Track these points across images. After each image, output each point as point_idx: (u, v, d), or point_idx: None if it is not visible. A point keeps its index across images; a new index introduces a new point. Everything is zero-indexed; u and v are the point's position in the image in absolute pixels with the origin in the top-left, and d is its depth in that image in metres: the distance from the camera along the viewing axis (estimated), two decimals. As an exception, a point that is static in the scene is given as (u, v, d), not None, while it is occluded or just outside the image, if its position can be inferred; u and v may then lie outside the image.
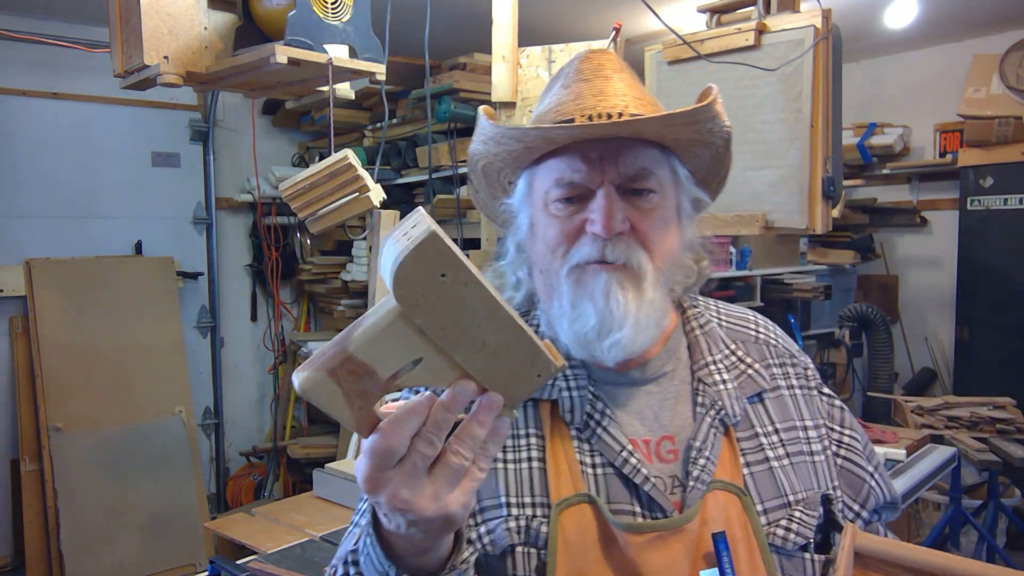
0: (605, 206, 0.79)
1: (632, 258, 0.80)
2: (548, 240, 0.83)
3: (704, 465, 0.81)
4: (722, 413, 0.85)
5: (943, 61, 4.21)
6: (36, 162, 3.45)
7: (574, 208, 0.82)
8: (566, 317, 0.82)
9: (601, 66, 0.86)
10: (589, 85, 0.85)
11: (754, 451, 0.85)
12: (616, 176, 0.81)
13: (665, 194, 0.84)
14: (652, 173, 0.82)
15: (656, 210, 0.83)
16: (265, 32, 1.92)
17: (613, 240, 0.79)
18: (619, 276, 0.80)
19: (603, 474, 0.81)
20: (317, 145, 4.27)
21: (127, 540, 3.27)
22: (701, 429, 0.83)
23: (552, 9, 3.30)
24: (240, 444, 4.15)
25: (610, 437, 0.82)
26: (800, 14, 2.24)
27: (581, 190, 0.82)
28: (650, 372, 0.87)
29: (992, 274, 3.89)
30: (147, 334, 3.52)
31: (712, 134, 0.83)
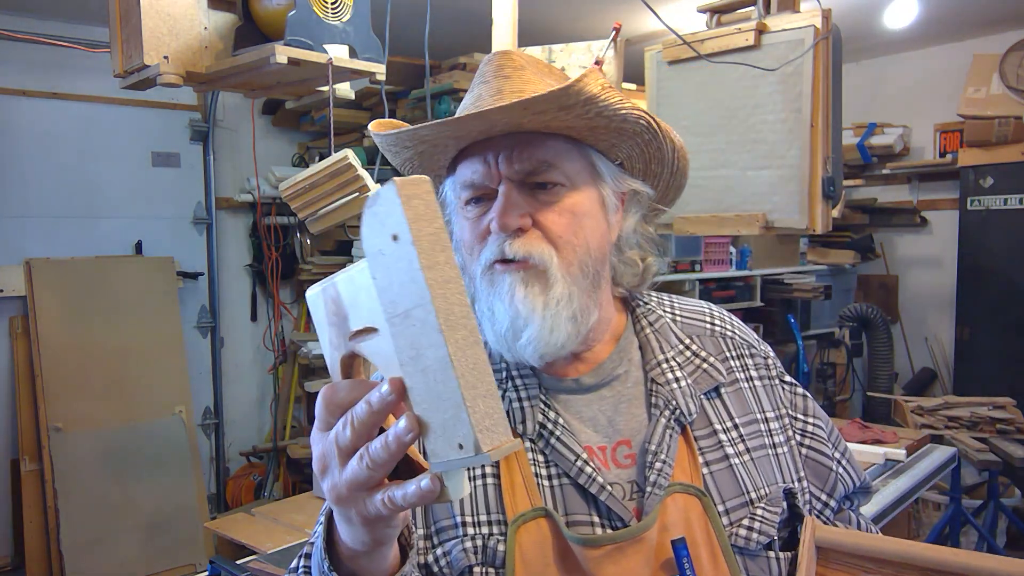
0: (500, 204, 0.79)
1: (534, 254, 0.78)
2: (464, 242, 0.84)
3: (660, 469, 0.79)
4: (677, 412, 0.83)
5: (943, 61, 4.21)
6: (36, 162, 3.45)
7: (482, 208, 0.82)
8: (486, 318, 0.81)
9: (501, 66, 0.86)
10: (488, 86, 0.84)
11: (713, 449, 0.83)
12: (512, 172, 0.80)
13: (576, 186, 0.82)
14: (552, 165, 0.80)
15: (562, 203, 0.80)
16: (265, 32, 1.92)
17: (511, 237, 0.78)
18: (522, 275, 0.78)
19: (559, 485, 0.80)
20: (317, 145, 4.27)
21: (127, 540, 3.27)
22: (656, 431, 0.81)
23: (552, 9, 3.30)
24: (240, 444, 4.15)
25: (564, 447, 0.80)
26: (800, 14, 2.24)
27: (485, 190, 0.82)
28: (602, 376, 0.86)
29: (992, 274, 3.90)
30: (147, 334, 3.52)
31: (606, 118, 0.79)
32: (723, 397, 0.87)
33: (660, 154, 0.87)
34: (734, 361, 0.91)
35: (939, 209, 4.38)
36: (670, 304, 0.96)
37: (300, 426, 4.24)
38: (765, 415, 0.88)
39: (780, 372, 0.94)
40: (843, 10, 3.21)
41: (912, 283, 4.56)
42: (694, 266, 3.87)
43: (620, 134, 0.83)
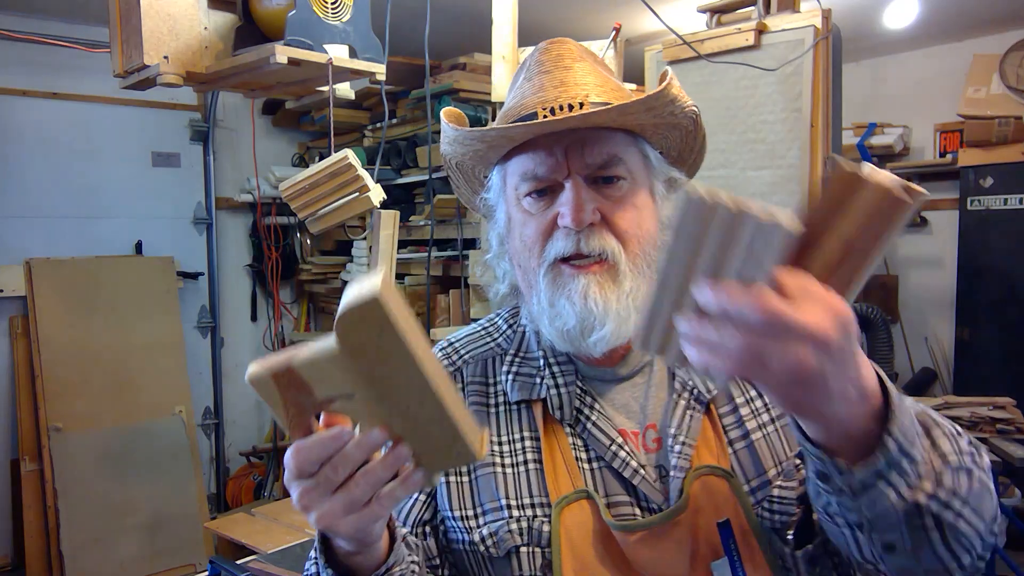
0: (573, 198, 0.79)
1: (607, 249, 0.80)
2: (524, 238, 0.84)
3: (680, 451, 0.80)
4: (695, 392, 0.84)
5: (943, 61, 4.21)
6: (36, 162, 3.45)
7: (545, 202, 0.83)
8: (545, 314, 0.82)
9: (560, 56, 0.86)
10: (550, 76, 0.84)
11: (735, 426, 0.84)
12: (582, 167, 0.81)
13: (636, 179, 0.83)
14: (620, 159, 0.82)
15: (627, 196, 0.82)
16: (265, 32, 1.92)
17: (586, 232, 0.79)
18: (596, 277, 0.80)
19: (598, 468, 0.82)
20: (317, 145, 4.27)
21: (127, 540, 3.27)
22: (675, 414, 0.82)
23: (552, 9, 3.30)
24: (240, 444, 4.15)
25: (599, 431, 0.83)
26: (800, 14, 2.24)
27: (549, 183, 0.82)
28: (633, 365, 0.88)
29: (992, 274, 3.89)
30: (147, 334, 3.52)
31: (675, 116, 0.83)
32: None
33: (694, 141, 0.90)
34: None
35: (939, 209, 4.38)
36: None
37: (300, 426, 4.24)
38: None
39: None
40: (843, 10, 3.21)
41: (912, 283, 4.55)
42: (694, 266, 3.86)
43: (674, 128, 0.86)
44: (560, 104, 0.80)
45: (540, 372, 0.87)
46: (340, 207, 1.93)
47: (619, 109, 0.77)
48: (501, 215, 0.89)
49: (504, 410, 0.88)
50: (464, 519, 0.84)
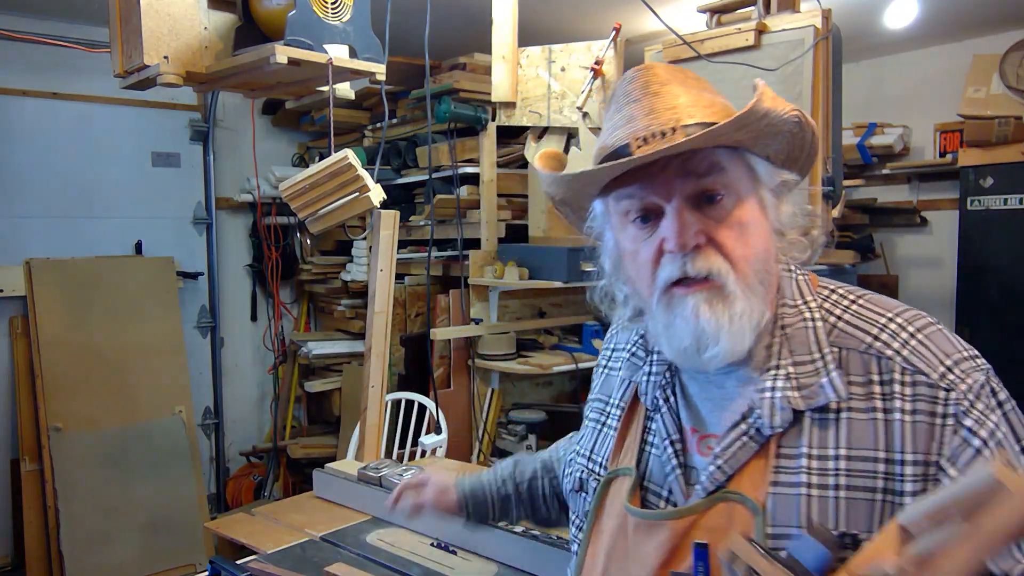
0: (676, 222, 0.80)
1: (713, 270, 0.79)
2: (637, 266, 0.85)
3: (712, 473, 0.81)
4: (758, 422, 0.80)
5: (943, 61, 4.21)
6: (36, 162, 3.45)
7: (649, 229, 0.83)
8: (663, 335, 0.85)
9: (648, 83, 0.85)
10: (639, 105, 0.84)
11: (789, 471, 0.77)
12: (683, 187, 0.81)
13: (741, 194, 0.82)
14: (721, 168, 0.81)
15: (731, 216, 0.81)
16: (265, 32, 1.92)
17: (691, 255, 0.80)
18: (705, 295, 0.80)
19: (656, 454, 0.90)
20: (317, 145, 4.27)
21: (127, 540, 3.27)
22: (729, 435, 0.82)
23: (552, 9, 3.30)
24: (240, 444, 4.15)
25: (663, 426, 0.89)
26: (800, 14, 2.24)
27: (652, 208, 0.82)
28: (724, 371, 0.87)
29: (992, 274, 3.89)
30: (147, 334, 3.52)
31: (773, 127, 0.82)
32: (841, 421, 0.78)
33: (802, 141, 0.87)
34: (877, 387, 0.78)
35: (939, 209, 4.37)
36: (844, 306, 0.86)
37: (300, 426, 4.25)
38: (893, 456, 0.75)
39: (959, 413, 0.76)
40: (843, 10, 3.21)
41: (912, 283, 4.55)
42: (694, 266, 3.86)
43: (777, 135, 0.84)
44: (652, 132, 0.80)
45: (646, 360, 0.96)
46: (340, 207, 1.93)
47: (706, 136, 0.76)
48: (610, 242, 0.91)
49: (618, 381, 1.01)
50: (575, 452, 1.02)
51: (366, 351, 2.22)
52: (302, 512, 1.96)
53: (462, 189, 3.28)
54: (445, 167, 3.32)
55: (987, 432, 0.76)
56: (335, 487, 2.03)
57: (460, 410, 3.27)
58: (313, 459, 3.73)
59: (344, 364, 3.97)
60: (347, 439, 3.11)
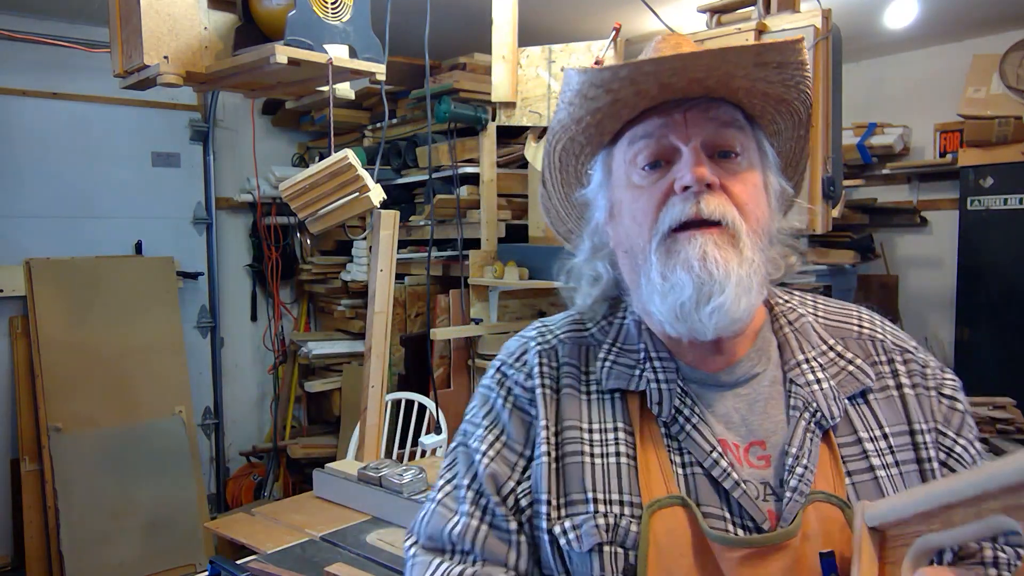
0: (694, 158, 0.75)
1: (728, 215, 0.75)
2: (636, 213, 0.79)
3: (802, 475, 0.75)
4: (818, 415, 0.78)
5: (943, 61, 4.21)
6: (36, 162, 3.45)
7: (659, 174, 0.78)
8: (657, 291, 0.77)
9: (679, 44, 0.83)
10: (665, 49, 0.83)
11: (857, 458, 0.78)
12: (702, 132, 0.77)
13: (753, 162, 0.80)
14: (740, 129, 0.79)
15: (746, 175, 0.78)
16: (265, 32, 1.92)
17: (706, 194, 0.75)
18: (714, 237, 0.74)
19: (691, 474, 0.77)
20: (317, 145, 4.27)
21: (127, 540, 3.27)
22: (796, 434, 0.77)
23: (552, 9, 3.30)
24: (240, 444, 4.15)
25: (699, 435, 0.78)
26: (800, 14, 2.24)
27: (667, 152, 0.78)
28: (739, 374, 0.82)
29: (992, 274, 3.89)
30: (147, 334, 3.52)
31: (798, 92, 0.80)
32: (871, 404, 0.82)
33: (801, 150, 0.86)
34: (884, 366, 0.85)
35: (939, 209, 4.37)
36: (813, 304, 0.92)
37: (300, 426, 4.25)
38: (918, 426, 0.81)
39: (939, 383, 0.85)
40: (843, 10, 3.21)
41: (912, 283, 4.55)
42: (694, 266, 3.86)
43: (790, 114, 0.83)
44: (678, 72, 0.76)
45: (640, 364, 0.83)
46: (340, 207, 1.93)
47: (757, 51, 0.73)
48: (602, 203, 0.85)
49: (597, 398, 0.83)
50: (550, 504, 0.78)
51: (366, 351, 2.22)
52: (302, 512, 1.97)
53: (462, 189, 3.28)
54: (445, 167, 3.32)
55: (962, 399, 0.86)
56: (335, 487, 2.03)
57: (460, 410, 3.26)
58: (313, 459, 3.73)
59: (344, 364, 3.97)
60: (347, 439, 3.11)
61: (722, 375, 0.82)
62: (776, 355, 0.84)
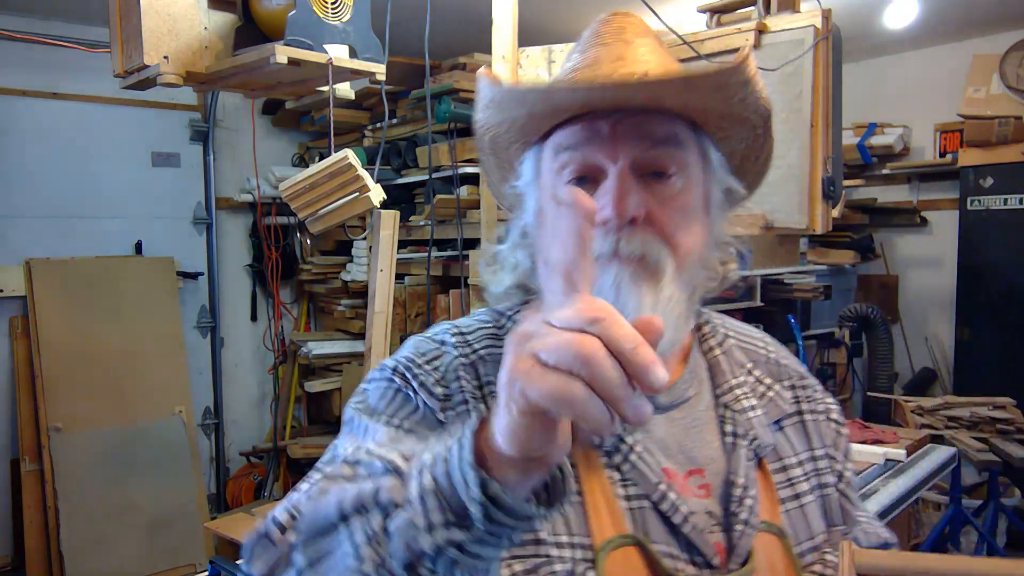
0: (617, 186, 0.68)
1: (650, 251, 0.69)
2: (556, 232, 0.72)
3: (752, 507, 0.72)
4: (755, 444, 0.76)
5: (943, 61, 4.21)
6: (36, 162, 3.45)
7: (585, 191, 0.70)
8: None
9: (622, 29, 0.74)
10: (608, 50, 0.73)
11: (785, 486, 0.77)
12: (632, 150, 0.69)
13: (691, 178, 0.72)
14: (677, 147, 0.71)
15: (679, 197, 0.71)
16: (265, 32, 1.92)
17: (627, 229, 0.68)
18: (632, 269, 0.68)
19: (639, 508, 0.70)
20: (317, 145, 4.27)
21: (127, 540, 3.27)
22: (740, 463, 0.74)
23: (552, 9, 3.30)
24: (240, 444, 4.15)
25: (645, 466, 0.71)
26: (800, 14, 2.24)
27: (592, 169, 0.71)
28: (674, 397, 0.77)
29: (992, 274, 3.90)
30: (147, 334, 3.52)
31: (746, 106, 0.71)
32: (785, 430, 0.81)
33: (758, 150, 0.78)
34: (789, 392, 0.84)
35: (939, 209, 4.38)
36: (723, 324, 0.88)
37: (300, 426, 4.25)
38: (817, 452, 0.82)
39: (828, 408, 0.86)
40: (843, 10, 3.21)
41: (912, 283, 4.56)
42: (694, 266, 3.86)
43: (740, 124, 0.74)
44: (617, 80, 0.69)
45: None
46: (340, 207, 1.93)
47: (685, 82, 0.65)
48: (531, 204, 0.78)
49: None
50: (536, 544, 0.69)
51: (366, 351, 2.22)
52: (302, 512, 1.96)
53: (462, 189, 3.28)
54: (445, 167, 3.32)
55: (843, 422, 0.87)
56: (335, 487, 2.02)
57: (460, 410, 3.26)
58: (313, 459, 3.72)
59: (344, 364, 3.97)
60: (347, 439, 3.11)
61: (658, 396, 0.76)
62: (707, 378, 0.81)
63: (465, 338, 0.79)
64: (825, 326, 4.41)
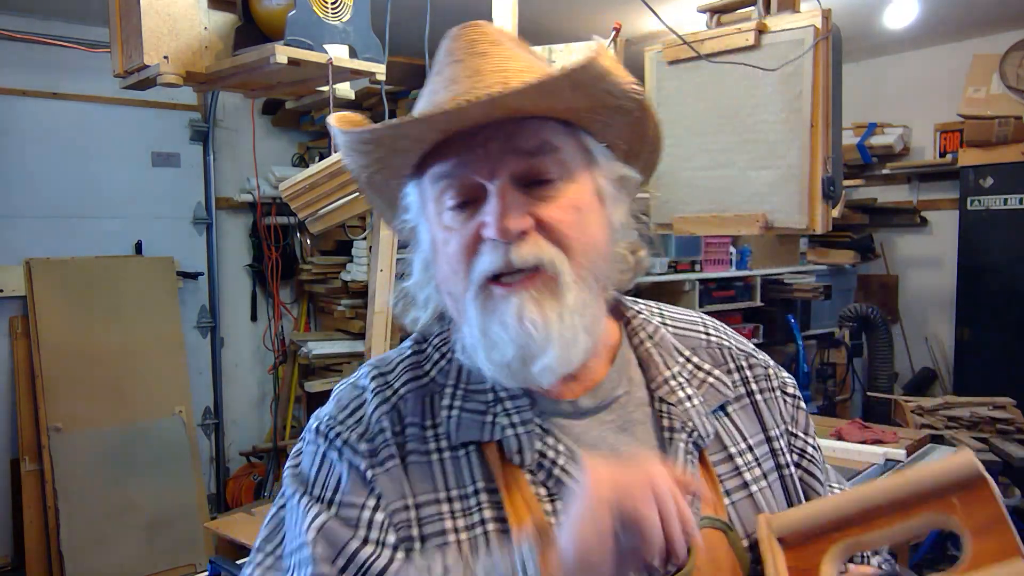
0: (498, 203, 0.66)
1: (544, 258, 0.67)
2: (449, 257, 0.71)
3: (691, 502, 0.69)
4: (694, 435, 0.74)
5: (943, 61, 4.21)
6: (36, 162, 3.45)
7: (468, 213, 0.70)
8: (480, 346, 0.70)
9: (474, 42, 0.73)
10: (462, 66, 0.71)
11: (731, 475, 0.76)
12: (507, 166, 0.68)
13: (575, 177, 0.71)
14: (552, 148, 0.69)
15: (566, 199, 0.69)
16: (265, 32, 1.92)
17: (516, 242, 0.67)
18: (530, 292, 0.67)
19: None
20: (317, 145, 4.27)
21: (127, 540, 3.27)
22: (678, 459, 0.72)
23: (552, 9, 3.30)
24: (240, 444, 4.15)
25: (570, 477, 0.70)
26: (800, 14, 2.24)
27: (473, 191, 0.69)
28: (601, 397, 0.75)
29: (992, 274, 3.90)
30: (147, 334, 3.52)
31: (613, 96, 0.70)
32: (731, 416, 0.80)
33: (643, 131, 0.77)
34: (735, 374, 0.83)
35: (939, 209, 4.38)
36: (659, 312, 0.87)
37: (300, 426, 4.24)
38: (770, 433, 0.81)
39: (782, 383, 0.86)
40: (843, 10, 3.21)
41: (912, 283, 4.56)
42: (694, 266, 3.87)
43: (616, 112, 0.73)
44: (475, 96, 0.65)
45: (491, 408, 0.73)
46: (340, 207, 1.93)
47: (538, 88, 0.64)
48: (425, 237, 0.76)
49: (451, 457, 0.72)
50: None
51: (366, 351, 2.22)
52: (302, 512, 1.96)
53: (462, 189, 3.28)
54: (445, 167, 3.31)
55: (800, 395, 0.86)
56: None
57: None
58: (313, 459, 3.73)
59: (344, 364, 3.97)
60: (347, 439, 3.11)
61: (583, 400, 0.75)
62: (638, 374, 0.79)
63: (386, 379, 0.79)
64: (825, 326, 4.42)
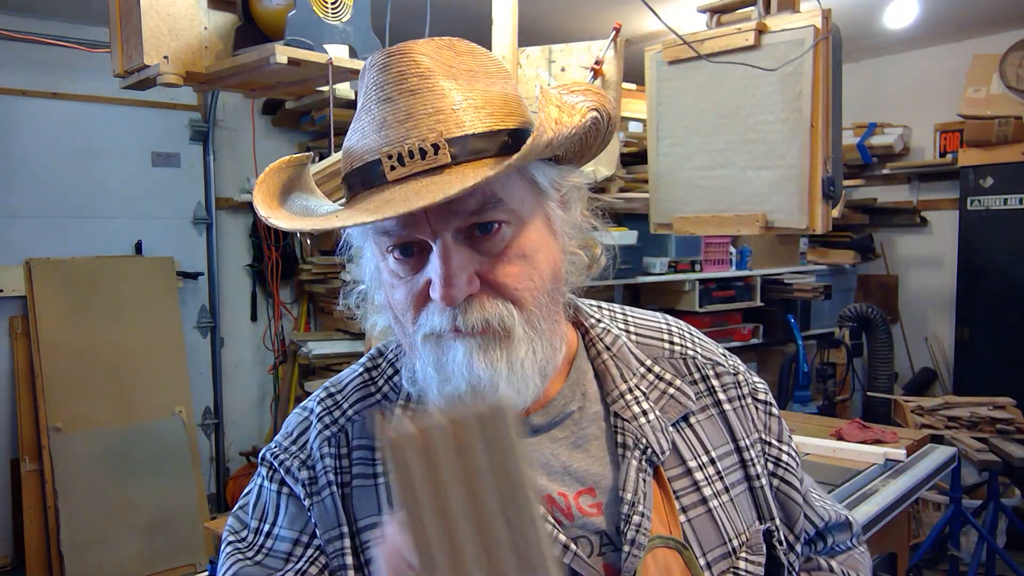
0: (443, 268, 0.64)
1: (493, 318, 0.65)
2: (396, 303, 0.69)
3: (639, 524, 0.68)
4: (648, 452, 0.72)
5: (943, 61, 4.22)
6: (36, 162, 3.45)
7: (413, 263, 0.67)
8: (433, 381, 0.68)
9: (403, 75, 0.65)
10: (392, 107, 0.65)
11: (689, 491, 0.73)
12: (449, 224, 0.64)
13: (523, 219, 0.68)
14: (498, 200, 0.65)
15: (511, 247, 0.66)
16: (265, 32, 1.92)
17: (463, 305, 0.65)
18: (479, 340, 0.66)
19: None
20: (317, 145, 4.26)
21: (127, 540, 3.27)
22: (629, 477, 0.70)
23: (552, 9, 3.30)
24: (240, 444, 4.15)
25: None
26: (800, 14, 2.24)
27: (416, 242, 0.67)
28: (553, 414, 0.73)
29: (992, 274, 3.90)
30: (147, 334, 3.52)
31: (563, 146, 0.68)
32: (694, 427, 0.77)
33: (598, 132, 0.73)
34: (700, 384, 0.80)
35: (939, 209, 4.38)
36: (623, 318, 0.84)
37: (300, 426, 4.24)
38: (741, 443, 0.78)
39: (752, 389, 0.83)
40: (843, 10, 3.21)
41: (912, 283, 4.56)
42: (694, 266, 3.87)
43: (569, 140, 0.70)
44: (409, 149, 0.63)
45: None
46: (340, 207, 1.93)
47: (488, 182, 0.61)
48: (371, 260, 0.73)
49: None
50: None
51: (366, 351, 2.22)
52: (302, 512, 1.96)
53: (462, 189, 3.28)
54: (445, 167, 3.31)
55: (773, 401, 0.84)
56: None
57: (460, 410, 3.27)
58: (313, 459, 3.73)
59: (344, 364, 3.96)
60: (347, 439, 3.11)
61: (535, 418, 0.73)
62: (594, 388, 0.76)
63: (335, 399, 0.78)
64: (825, 326, 4.42)
